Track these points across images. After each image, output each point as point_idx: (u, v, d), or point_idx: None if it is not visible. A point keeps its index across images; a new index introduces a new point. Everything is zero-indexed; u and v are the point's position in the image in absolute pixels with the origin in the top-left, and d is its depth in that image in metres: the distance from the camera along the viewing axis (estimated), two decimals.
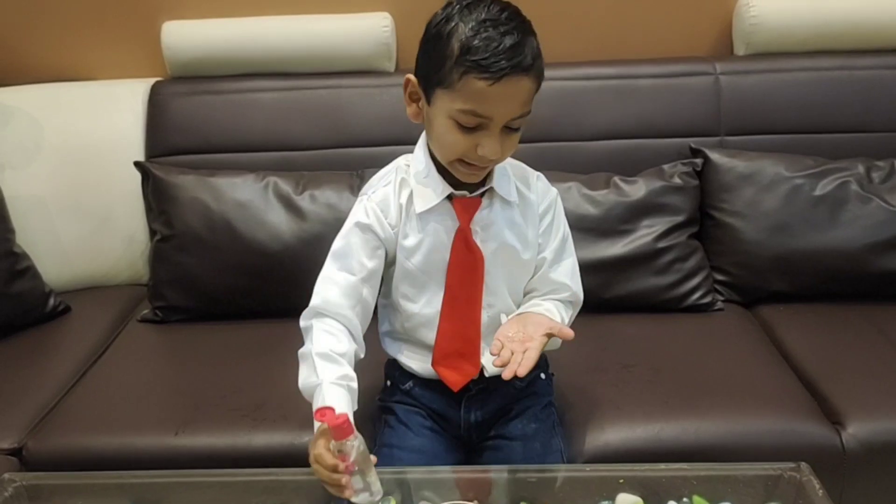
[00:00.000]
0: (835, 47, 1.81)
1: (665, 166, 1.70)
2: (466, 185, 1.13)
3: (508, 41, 0.99)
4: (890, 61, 1.79)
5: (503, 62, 0.98)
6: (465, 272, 1.13)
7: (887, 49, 1.81)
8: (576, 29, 1.89)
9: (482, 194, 1.15)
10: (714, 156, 1.69)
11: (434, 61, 1.03)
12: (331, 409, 0.97)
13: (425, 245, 1.14)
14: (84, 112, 1.84)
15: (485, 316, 1.17)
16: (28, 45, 1.92)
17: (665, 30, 1.89)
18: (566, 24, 1.89)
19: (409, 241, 1.15)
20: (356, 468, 0.94)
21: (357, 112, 1.80)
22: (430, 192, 1.13)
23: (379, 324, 1.26)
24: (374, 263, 1.15)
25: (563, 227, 1.21)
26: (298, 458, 1.26)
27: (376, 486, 0.96)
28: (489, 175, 1.14)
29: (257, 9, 1.86)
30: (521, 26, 1.03)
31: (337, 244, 1.16)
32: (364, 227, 1.14)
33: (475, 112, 1.01)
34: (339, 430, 0.93)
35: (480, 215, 1.15)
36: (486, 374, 1.19)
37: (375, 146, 1.77)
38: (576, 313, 1.24)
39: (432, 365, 1.19)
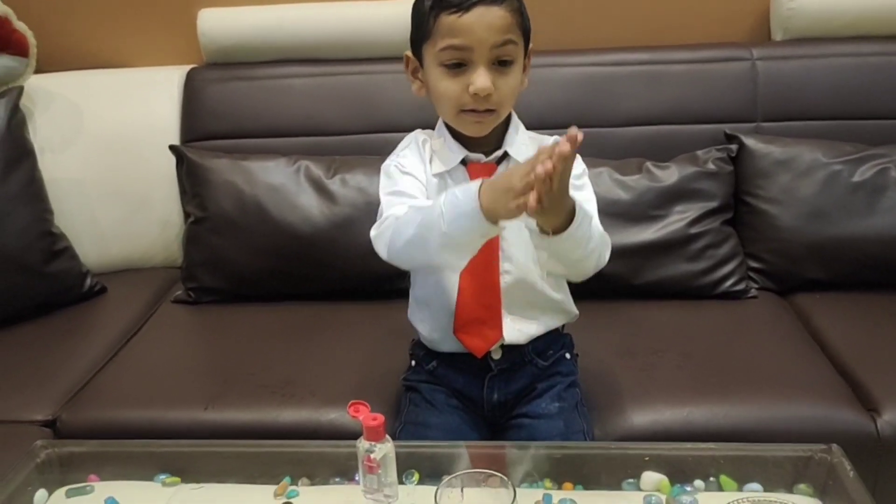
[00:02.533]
0: (874, 32, 1.76)
1: (699, 152, 1.67)
2: (481, 150, 1.13)
3: None
4: None
5: None
6: None
7: None
8: (610, 15, 1.88)
9: (498, 161, 1.14)
10: (749, 141, 1.66)
11: (416, 24, 1.11)
12: (366, 406, 0.95)
13: None
14: (121, 98, 1.88)
15: (503, 282, 1.16)
16: (67, 34, 1.96)
17: (701, 15, 1.86)
18: (601, 10, 1.88)
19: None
20: (379, 470, 0.94)
21: (389, 98, 1.80)
22: (446, 155, 1.14)
23: (411, 288, 1.26)
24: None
25: (584, 171, 1.16)
26: (325, 434, 1.29)
27: (393, 491, 0.95)
28: (504, 139, 1.14)
29: None
30: None
31: (387, 190, 1.14)
32: (404, 172, 1.14)
33: (453, 46, 1.04)
34: (373, 432, 0.93)
35: None
36: (505, 342, 1.18)
37: (406, 131, 1.74)
38: (607, 246, 1.11)
39: (454, 333, 1.18)
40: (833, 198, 1.59)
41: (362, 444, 0.94)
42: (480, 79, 1.05)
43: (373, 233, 1.12)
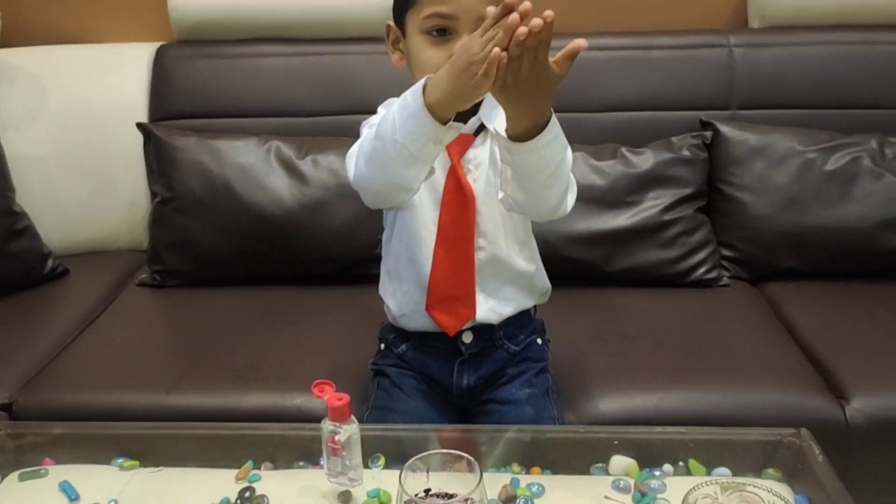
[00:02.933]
0: (851, 22, 1.76)
1: (674, 138, 1.66)
2: (459, 118, 1.10)
3: None
4: None
5: None
6: (457, 211, 1.11)
7: None
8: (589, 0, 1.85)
9: (476, 133, 1.12)
10: (724, 128, 1.66)
11: None
12: (331, 386, 0.92)
13: None
14: (89, 75, 1.83)
15: (478, 259, 1.14)
16: (35, 7, 1.91)
17: (679, 1, 1.85)
18: None
19: None
20: (343, 452, 0.92)
21: (362, 79, 1.77)
22: None
23: (382, 260, 1.23)
24: None
25: None
26: (290, 419, 1.26)
27: (357, 474, 0.93)
28: (479, 105, 1.10)
29: None
30: None
31: (367, 123, 1.09)
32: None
33: (438, 13, 1.02)
34: (337, 412, 0.90)
35: (473, 153, 1.12)
36: (477, 320, 1.16)
37: None
38: (573, 190, 1.08)
39: (427, 310, 1.15)
40: (806, 186, 1.59)
41: (326, 425, 0.92)
42: None
43: (347, 154, 1.08)
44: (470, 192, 1.11)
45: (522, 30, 0.82)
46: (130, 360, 1.42)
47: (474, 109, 1.11)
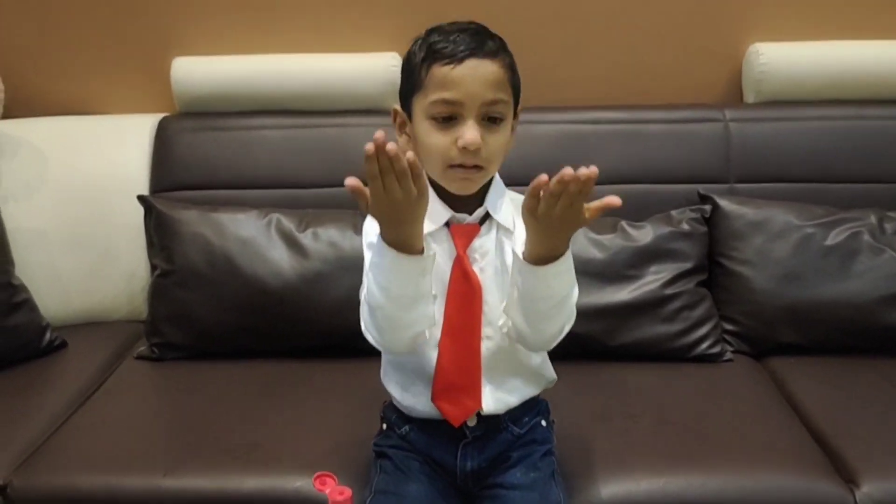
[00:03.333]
0: (846, 97, 1.79)
1: (673, 212, 1.67)
2: (465, 211, 1.11)
3: (468, 33, 1.05)
4: None
5: (462, 46, 1.03)
6: (463, 301, 1.10)
7: None
8: (586, 74, 1.89)
9: (481, 222, 1.13)
10: (723, 202, 1.67)
11: (407, 75, 1.10)
12: (332, 478, 0.93)
13: None
14: (90, 146, 1.84)
15: (484, 348, 1.13)
16: (37, 78, 1.93)
17: (675, 76, 1.89)
18: (577, 69, 1.89)
19: None
20: None
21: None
22: (430, 215, 1.08)
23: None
24: None
25: None
26: (289, 503, 1.23)
27: None
28: (485, 194, 1.12)
29: (267, 47, 1.87)
30: (485, 29, 1.08)
31: (365, 241, 1.13)
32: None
33: (444, 100, 1.04)
34: None
35: (479, 242, 1.12)
36: (483, 412, 1.15)
37: None
38: (570, 320, 1.10)
39: (432, 399, 1.14)
40: (806, 261, 1.59)
41: None
42: (470, 132, 1.03)
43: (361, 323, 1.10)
44: (476, 282, 1.11)
45: (568, 171, 0.88)
46: (128, 439, 1.39)
47: (480, 200, 1.12)
